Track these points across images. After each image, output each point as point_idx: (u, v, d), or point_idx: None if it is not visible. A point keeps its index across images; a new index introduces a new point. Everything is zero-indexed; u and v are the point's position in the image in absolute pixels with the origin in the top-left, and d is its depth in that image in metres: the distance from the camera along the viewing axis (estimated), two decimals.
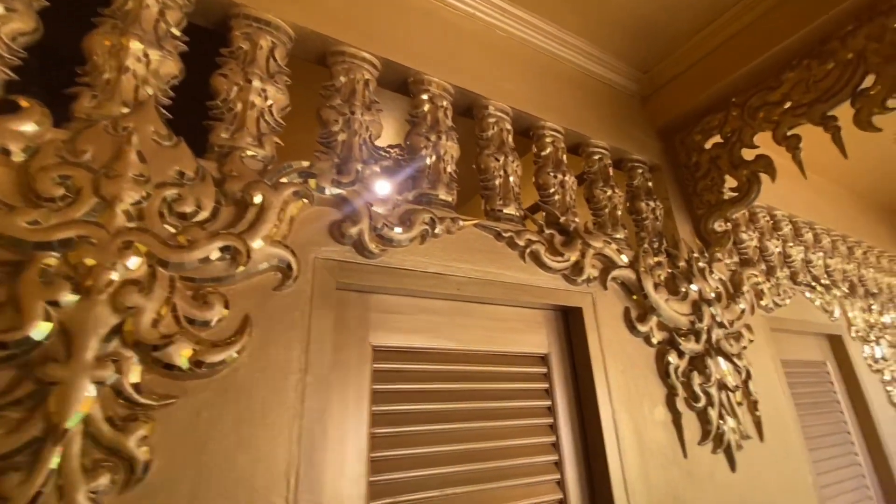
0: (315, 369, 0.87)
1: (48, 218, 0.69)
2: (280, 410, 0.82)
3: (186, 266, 0.77)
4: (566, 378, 1.28)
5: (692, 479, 1.32)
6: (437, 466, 1.01)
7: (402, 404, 1.03)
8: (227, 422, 0.77)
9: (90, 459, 0.65)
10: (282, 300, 0.89)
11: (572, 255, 1.33)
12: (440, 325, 1.13)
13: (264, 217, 0.87)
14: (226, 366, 0.78)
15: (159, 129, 0.85)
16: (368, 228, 1.01)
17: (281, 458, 0.79)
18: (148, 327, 0.71)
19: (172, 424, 0.73)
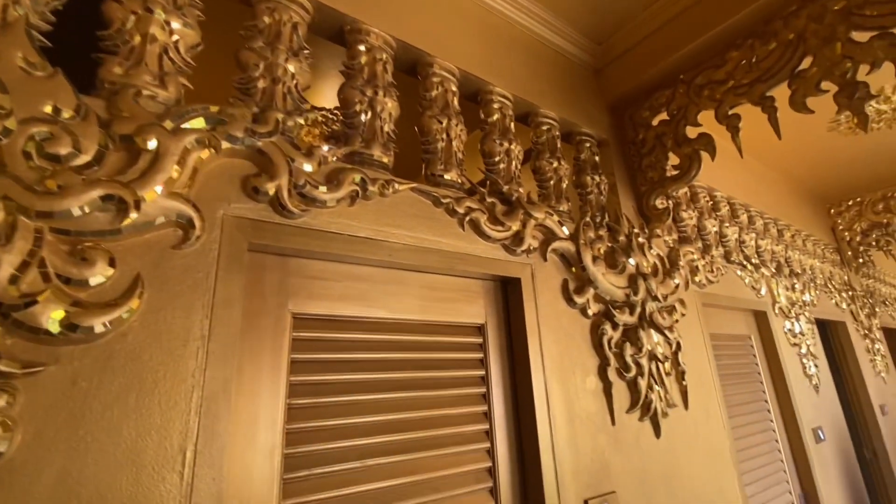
0: (220, 337, 0.80)
1: None
2: (176, 380, 0.74)
3: (57, 216, 0.67)
4: (501, 348, 1.27)
5: (619, 445, 1.36)
6: (360, 437, 0.98)
7: (325, 374, 0.97)
8: (110, 392, 0.69)
9: None
10: (182, 260, 0.80)
11: (513, 225, 1.30)
12: (370, 293, 1.08)
13: (160, 165, 0.77)
14: (110, 330, 0.70)
15: (29, 56, 0.72)
16: (288, 185, 0.92)
17: (176, 429, 0.72)
18: (4, 284, 0.61)
19: (41, 395, 0.64)
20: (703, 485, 1.57)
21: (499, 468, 1.16)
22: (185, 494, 0.70)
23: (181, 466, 0.71)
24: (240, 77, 0.99)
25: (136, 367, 0.71)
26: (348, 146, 1.09)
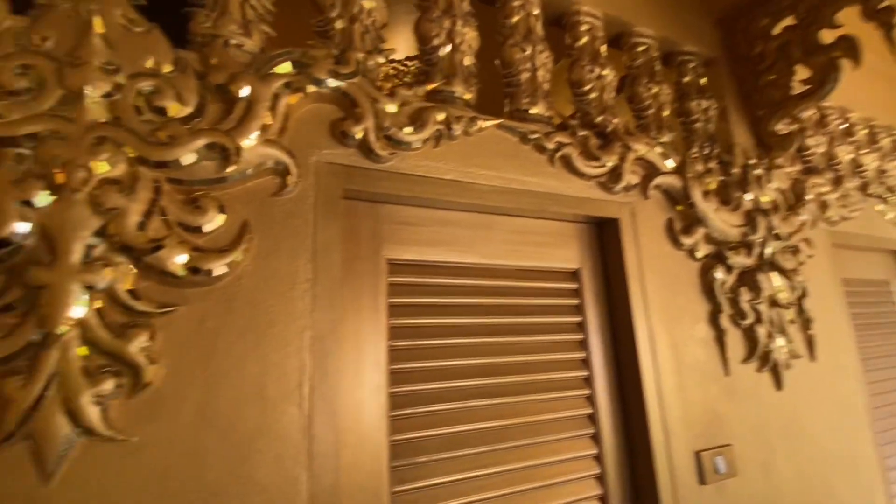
0: (324, 280, 0.81)
1: (11, 111, 0.62)
2: (287, 321, 0.77)
3: (171, 165, 0.69)
4: (599, 294, 1.19)
5: (734, 397, 1.24)
6: (460, 379, 0.98)
7: (422, 318, 0.97)
8: (233, 331, 0.73)
9: (92, 364, 0.63)
10: (282, 207, 0.81)
11: (610, 160, 1.18)
12: (459, 239, 1.04)
13: (253, 112, 0.77)
14: (228, 274, 0.73)
15: (128, 14, 0.74)
16: (374, 128, 0.89)
17: (292, 367, 0.76)
18: (134, 230, 0.65)
19: (176, 333, 0.69)
20: (831, 442, 1.40)
21: (600, 415, 1.11)
22: (306, 427, 0.74)
23: (299, 400, 0.75)
24: (318, 19, 0.96)
25: (252, 309, 0.75)
26: (429, 84, 1.03)
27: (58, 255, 0.61)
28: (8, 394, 0.58)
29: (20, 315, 0.61)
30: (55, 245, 0.61)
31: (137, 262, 0.67)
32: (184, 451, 0.67)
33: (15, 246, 0.60)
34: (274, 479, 0.71)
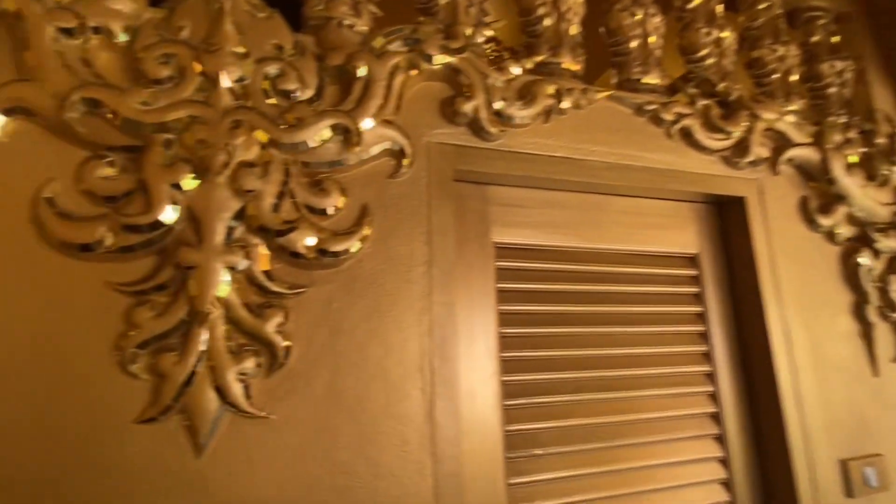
0: (440, 262, 0.79)
1: (158, 99, 0.64)
2: (407, 303, 0.75)
3: (299, 148, 0.70)
4: (721, 282, 1.08)
5: (884, 400, 1.08)
6: (572, 370, 0.92)
7: (530, 304, 0.93)
8: (356, 313, 0.72)
9: (235, 343, 0.65)
10: (398, 188, 0.80)
11: (735, 131, 1.05)
12: (568, 221, 0.98)
13: (371, 92, 0.76)
14: (350, 256, 0.73)
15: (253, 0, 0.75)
16: (485, 104, 0.85)
17: (413, 350, 0.74)
18: (269, 212, 0.66)
19: (305, 314, 0.70)
20: None
21: (725, 415, 1.00)
22: (428, 411, 0.73)
23: (421, 383, 0.73)
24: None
25: (373, 291, 0.74)
26: (535, 57, 0.97)
27: (203, 237, 0.63)
28: (164, 369, 0.61)
29: (171, 294, 0.63)
30: (201, 227, 0.63)
31: (271, 243, 0.67)
32: (316, 429, 0.67)
33: (166, 228, 0.62)
34: (400, 463, 0.70)
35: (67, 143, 0.64)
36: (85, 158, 0.64)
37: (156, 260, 0.64)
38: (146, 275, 0.63)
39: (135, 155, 0.65)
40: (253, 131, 0.67)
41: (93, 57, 0.66)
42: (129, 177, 0.64)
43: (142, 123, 0.62)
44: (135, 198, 0.63)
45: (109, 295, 0.62)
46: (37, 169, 0.63)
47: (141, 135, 0.63)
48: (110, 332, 0.61)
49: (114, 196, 0.63)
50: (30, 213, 0.61)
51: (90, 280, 0.62)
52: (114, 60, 0.68)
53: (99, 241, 0.60)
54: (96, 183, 0.63)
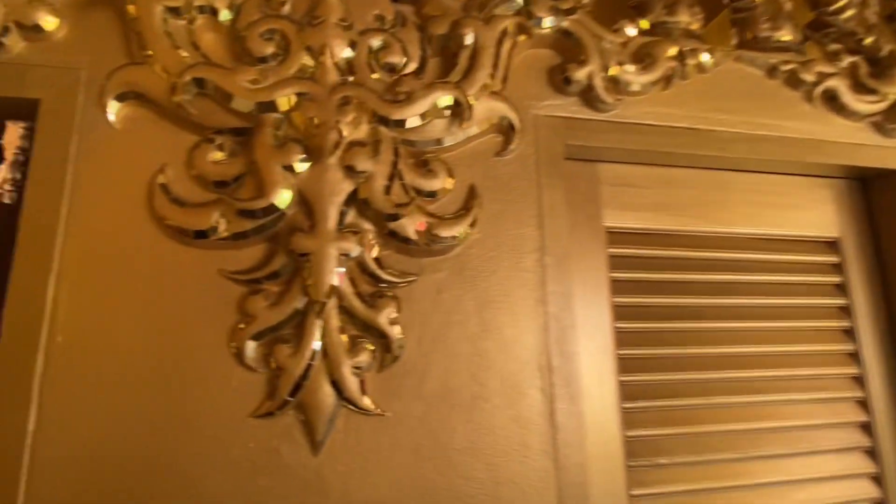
0: (553, 249, 0.71)
1: (265, 77, 0.61)
2: (520, 293, 0.69)
3: (408, 124, 0.64)
4: (869, 271, 0.92)
5: None
6: (696, 370, 0.81)
7: (648, 296, 0.83)
8: (468, 304, 0.67)
9: (348, 335, 0.61)
10: (505, 168, 0.73)
11: (890, 92, 0.89)
12: (689, 202, 0.87)
13: (479, 61, 0.69)
14: (458, 243, 0.67)
15: None
16: (600, 70, 0.76)
17: (529, 345, 0.67)
18: (381, 195, 0.61)
19: (415, 304, 0.65)
20: None
21: (877, 425, 0.86)
22: (548, 412, 0.66)
23: (540, 382, 0.66)
24: None
25: (483, 280, 0.68)
26: (649, 15, 0.85)
27: (316, 222, 0.59)
28: (280, 361, 0.58)
29: (284, 283, 0.60)
30: (313, 211, 0.59)
31: (381, 229, 0.63)
32: (431, 429, 0.62)
33: (279, 213, 0.59)
34: (520, 469, 0.63)
35: (178, 127, 0.62)
36: (195, 143, 0.62)
37: (267, 247, 0.61)
38: (258, 263, 0.61)
39: (244, 138, 0.62)
40: (361, 108, 0.62)
41: (198, 38, 0.64)
42: (239, 160, 0.61)
43: (252, 103, 0.59)
44: (246, 182, 0.60)
45: (223, 283, 0.60)
46: (150, 155, 0.62)
47: (250, 115, 0.60)
48: (225, 323, 0.59)
49: (224, 181, 0.60)
50: (145, 201, 0.60)
51: (204, 268, 0.60)
52: (218, 41, 0.65)
53: (213, 228, 0.58)
54: (207, 167, 0.60)
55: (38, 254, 0.56)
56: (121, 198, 0.60)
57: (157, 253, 0.59)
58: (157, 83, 0.60)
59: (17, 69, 0.60)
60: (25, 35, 0.61)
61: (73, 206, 0.59)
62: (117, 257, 0.59)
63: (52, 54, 0.62)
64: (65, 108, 0.60)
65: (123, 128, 0.62)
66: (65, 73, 0.61)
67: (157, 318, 0.58)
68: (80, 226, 0.58)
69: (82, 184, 0.59)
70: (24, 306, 0.55)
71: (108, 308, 0.57)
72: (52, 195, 0.58)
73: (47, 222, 0.58)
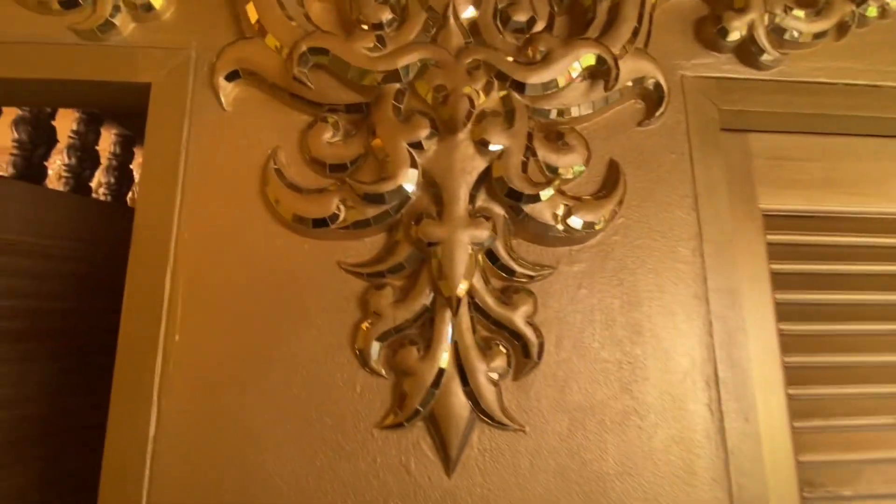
0: (712, 235, 0.60)
1: (384, 43, 0.54)
2: (677, 290, 0.57)
3: (546, 89, 0.55)
4: None
5: None
6: (886, 383, 0.66)
7: (815, 292, 0.68)
8: (613, 301, 0.56)
9: (481, 336, 0.53)
10: (649, 139, 0.61)
11: None
12: (863, 177, 0.71)
13: (622, 13, 0.58)
14: (601, 229, 0.57)
15: None
16: (761, 18, 0.63)
17: (689, 352, 0.56)
18: (518, 173, 0.52)
19: (553, 302, 0.56)
20: None
21: None
22: (717, 432, 0.54)
23: (706, 397, 0.55)
24: None
25: (631, 273, 0.57)
26: None
27: (445, 206, 0.52)
28: (408, 366, 0.50)
29: (409, 276, 0.53)
30: (442, 193, 0.52)
31: (515, 214, 0.54)
32: (577, 448, 0.53)
33: (405, 196, 0.52)
34: (686, 500, 0.53)
35: (290, 107, 0.57)
36: (309, 123, 0.56)
37: (387, 236, 0.55)
38: (380, 254, 0.54)
39: (360, 116, 0.55)
40: (492, 73, 0.53)
41: (309, 7, 0.58)
42: (356, 141, 0.55)
43: (370, 72, 0.52)
44: (366, 163, 0.53)
45: (343, 277, 0.54)
46: (262, 137, 0.57)
47: (369, 88, 0.53)
48: (346, 321, 0.53)
49: (341, 163, 0.54)
50: (259, 187, 0.55)
51: (322, 260, 0.54)
52: (328, 9, 0.59)
53: (334, 216, 0.52)
54: (323, 149, 0.54)
55: (153, 249, 0.53)
56: (234, 185, 0.55)
57: (273, 245, 0.54)
58: (269, 58, 0.54)
59: (128, 52, 0.57)
60: (135, 15, 0.58)
61: (186, 196, 0.55)
62: (232, 251, 0.54)
63: (161, 34, 0.58)
64: (176, 92, 0.56)
65: (235, 110, 0.57)
66: (174, 55, 0.58)
67: (275, 316, 0.53)
68: (194, 218, 0.54)
69: (195, 172, 0.55)
70: (142, 304, 0.51)
71: (225, 305, 0.53)
72: (167, 185, 0.55)
73: (162, 215, 0.54)
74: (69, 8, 0.57)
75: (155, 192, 0.55)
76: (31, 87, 0.59)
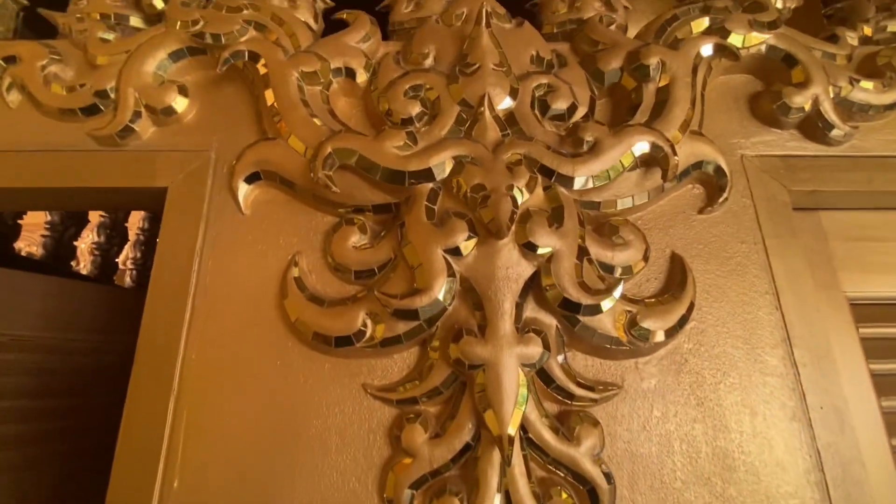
0: (802, 338, 0.50)
1: (414, 140, 0.49)
2: (768, 410, 0.47)
3: (595, 183, 0.49)
4: None
5: None
6: None
7: None
8: (694, 428, 0.46)
9: (537, 478, 0.43)
10: (713, 228, 0.54)
11: None
12: None
13: (674, 95, 0.53)
14: (669, 337, 0.48)
15: (496, 9, 0.60)
16: (826, 92, 0.57)
17: (796, 494, 0.45)
18: (572, 280, 0.45)
19: (620, 429, 0.46)
20: None
21: None
22: None
23: None
24: None
25: (712, 389, 0.48)
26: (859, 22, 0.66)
27: (488, 320, 0.44)
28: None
29: (448, 402, 0.45)
30: (483, 304, 0.45)
31: (571, 324, 0.46)
32: None
33: (441, 309, 0.45)
34: None
35: (312, 207, 0.53)
36: (333, 224, 0.51)
37: (420, 351, 0.47)
38: (412, 373, 0.46)
39: (388, 215, 0.50)
40: (535, 167, 0.48)
41: (334, 104, 0.55)
42: (385, 244, 0.49)
43: (399, 173, 0.47)
44: (396, 270, 0.47)
45: (368, 404, 0.46)
46: (282, 242, 0.52)
47: (399, 189, 0.48)
48: (374, 459, 0.45)
49: (369, 269, 0.48)
50: (276, 297, 0.49)
51: (345, 382, 0.47)
52: (354, 105, 0.57)
53: (360, 332, 0.45)
54: (348, 254, 0.49)
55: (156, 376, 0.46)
56: (249, 297, 0.50)
57: (290, 365, 0.47)
58: (292, 159, 0.51)
59: (147, 156, 0.55)
60: (155, 119, 0.56)
61: (196, 311, 0.49)
62: (243, 375, 0.47)
63: (181, 137, 0.56)
64: (192, 196, 0.53)
65: (253, 213, 0.53)
66: (194, 157, 0.55)
67: (289, 455, 0.45)
68: (204, 337, 0.48)
69: (208, 283, 0.50)
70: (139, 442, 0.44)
71: (232, 445, 0.45)
72: (176, 301, 0.49)
73: (169, 335, 0.49)
74: (91, 115, 0.55)
75: (162, 309, 0.49)
76: (50, 195, 0.57)
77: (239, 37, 0.55)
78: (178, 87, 0.56)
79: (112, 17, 0.62)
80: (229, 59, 0.52)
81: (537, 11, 0.68)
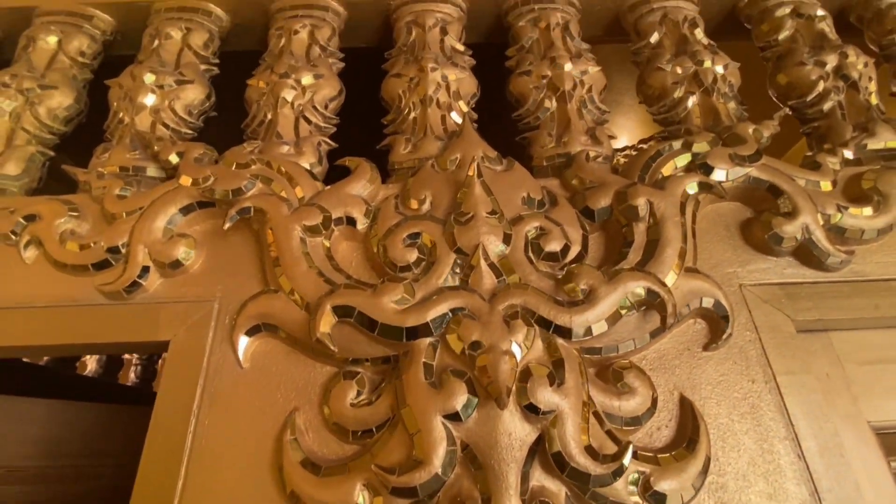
0: (830, 491, 0.47)
1: (412, 293, 0.50)
2: None
3: (591, 331, 0.48)
4: None
5: None
6: None
7: None
8: None
9: None
10: (720, 366, 0.53)
11: None
12: None
13: (665, 234, 0.54)
14: (687, 499, 0.45)
15: (487, 153, 0.64)
16: (815, 220, 0.58)
17: None
18: (579, 447, 0.43)
19: None
20: None
21: None
22: None
23: None
24: (658, 105, 0.75)
25: None
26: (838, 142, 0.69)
27: (492, 492, 0.42)
28: None
29: None
30: (488, 477, 0.42)
31: (581, 491, 0.43)
32: None
33: (440, 484, 0.42)
34: None
35: (311, 359, 0.52)
36: (331, 376, 0.51)
37: None
38: None
39: (387, 366, 0.50)
40: (532, 317, 0.48)
41: (335, 249, 0.57)
42: (384, 401, 0.48)
43: (402, 329, 0.47)
44: (394, 433, 0.46)
45: None
46: (279, 397, 0.51)
47: (398, 343, 0.48)
48: None
49: (367, 430, 0.47)
50: (272, 458, 0.48)
51: None
52: (355, 248, 0.59)
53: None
54: (346, 413, 0.48)
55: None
56: (245, 458, 0.48)
57: None
58: (293, 312, 0.51)
59: (151, 310, 0.56)
60: (162, 272, 0.57)
61: (190, 476, 0.47)
62: None
63: (186, 288, 0.58)
64: (193, 351, 0.53)
65: (252, 365, 0.53)
66: (197, 308, 0.56)
67: None
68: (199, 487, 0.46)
69: (203, 443, 0.49)
70: None
71: None
72: (171, 459, 0.48)
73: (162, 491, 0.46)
74: (101, 269, 0.57)
75: (156, 470, 0.48)
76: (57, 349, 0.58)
77: (246, 192, 0.58)
78: (186, 240, 0.58)
79: (130, 169, 0.66)
80: (235, 215, 0.55)
81: (527, 144, 0.73)
